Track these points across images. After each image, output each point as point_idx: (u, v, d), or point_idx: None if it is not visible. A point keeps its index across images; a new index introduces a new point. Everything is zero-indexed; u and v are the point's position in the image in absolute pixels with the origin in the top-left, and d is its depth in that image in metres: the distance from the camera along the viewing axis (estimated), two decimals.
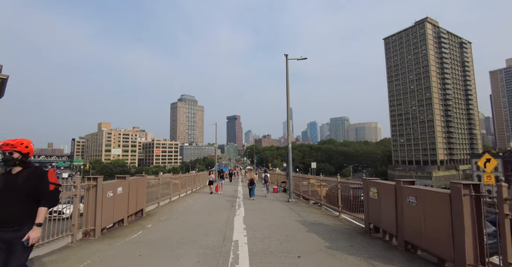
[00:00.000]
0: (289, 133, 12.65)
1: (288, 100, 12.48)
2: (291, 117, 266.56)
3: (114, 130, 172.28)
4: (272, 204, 11.78)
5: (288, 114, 12.57)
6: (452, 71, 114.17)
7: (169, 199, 12.09)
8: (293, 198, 12.47)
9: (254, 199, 13.34)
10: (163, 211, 9.69)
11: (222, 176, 16.99)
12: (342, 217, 8.55)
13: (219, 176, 16.97)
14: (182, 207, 10.58)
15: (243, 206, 10.73)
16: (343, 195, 9.13)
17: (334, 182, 9.45)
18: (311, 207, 10.86)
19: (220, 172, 17.29)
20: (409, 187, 4.95)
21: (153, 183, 10.43)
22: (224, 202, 12.26)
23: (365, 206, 6.68)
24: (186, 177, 16.16)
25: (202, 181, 21.81)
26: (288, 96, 12.57)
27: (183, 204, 11.55)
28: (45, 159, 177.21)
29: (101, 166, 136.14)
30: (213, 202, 12.32)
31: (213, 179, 17.40)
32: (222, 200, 12.75)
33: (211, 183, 16.94)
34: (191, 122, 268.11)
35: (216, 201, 12.60)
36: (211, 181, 17.13)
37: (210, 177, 17.38)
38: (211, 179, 17.29)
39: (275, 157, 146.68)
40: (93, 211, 5.72)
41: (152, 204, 10.09)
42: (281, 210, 9.87)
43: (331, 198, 9.81)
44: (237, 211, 9.65)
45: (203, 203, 12.09)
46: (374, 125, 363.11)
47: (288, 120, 12.73)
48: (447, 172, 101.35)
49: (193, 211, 9.72)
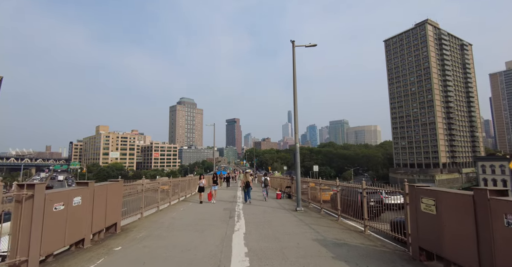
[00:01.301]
0: (296, 129, 10.87)
1: (295, 92, 10.74)
2: (290, 120, 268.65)
3: (112, 133, 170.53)
4: (278, 213, 9.97)
5: (296, 106, 10.79)
6: (453, 73, 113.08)
7: (156, 208, 10.27)
8: (302, 207, 10.62)
9: (251, 202, 13.34)
10: (145, 224, 7.89)
11: (216, 181, 14.31)
12: (368, 232, 6.76)
13: (212, 181, 14.40)
14: (170, 219, 8.76)
15: (244, 218, 8.91)
16: (349, 201, 7.54)
17: (355, 188, 7.68)
18: (325, 218, 9.04)
19: (213, 176, 14.73)
20: (505, 200, 3.16)
21: (134, 190, 8.61)
22: (220, 211, 10.44)
23: (411, 222, 4.90)
24: (178, 182, 14.25)
25: (197, 186, 19.55)
26: (295, 87, 10.82)
27: (171, 214, 9.70)
28: (42, 163, 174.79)
29: (98, 169, 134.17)
30: (208, 211, 10.50)
31: (205, 184, 14.38)
32: (219, 209, 10.91)
33: (201, 189, 13.85)
34: (190, 125, 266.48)
35: (211, 210, 10.77)
36: (202, 187, 13.95)
37: (201, 183, 14.09)
38: (202, 185, 13.97)
39: (275, 160, 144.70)
40: (27, 233, 3.92)
41: (133, 215, 8.28)
42: (290, 223, 8.06)
43: (344, 205, 8.21)
44: (236, 224, 7.85)
45: (196, 213, 10.25)
46: (374, 128, 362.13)
47: (295, 113, 10.94)
48: (450, 175, 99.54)
49: (182, 224, 7.90)
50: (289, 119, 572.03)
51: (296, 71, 11.25)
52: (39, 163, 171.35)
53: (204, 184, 14.17)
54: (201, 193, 13.72)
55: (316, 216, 9.51)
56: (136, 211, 8.43)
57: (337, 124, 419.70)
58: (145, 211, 9.12)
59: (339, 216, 8.54)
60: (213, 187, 13.93)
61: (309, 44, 11.32)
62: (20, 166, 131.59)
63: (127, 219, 7.88)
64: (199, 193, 13.85)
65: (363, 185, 7.04)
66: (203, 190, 13.91)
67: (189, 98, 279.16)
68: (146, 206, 9.53)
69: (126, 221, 7.80)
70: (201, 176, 14.70)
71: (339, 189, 8.65)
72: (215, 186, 14.00)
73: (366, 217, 6.84)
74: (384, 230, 6.21)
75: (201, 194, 13.69)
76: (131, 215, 8.08)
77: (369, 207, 6.97)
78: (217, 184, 14.26)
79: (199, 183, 14.15)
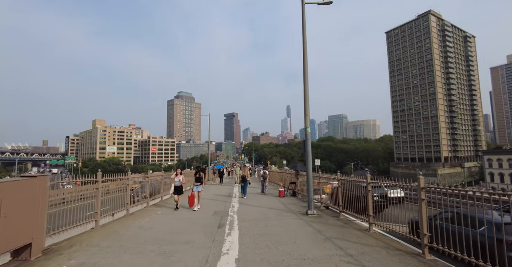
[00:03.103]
0: (307, 107, 8.33)
1: (306, 57, 8.15)
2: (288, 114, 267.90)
3: (109, 127, 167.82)
4: (284, 219, 7.50)
5: (306, 78, 8.23)
6: (456, 65, 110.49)
7: (126, 211, 7.83)
8: (314, 209, 8.16)
9: (245, 197, 12.67)
10: (94, 239, 5.44)
11: (199, 179, 10.02)
12: (431, 257, 4.35)
13: (195, 178, 10.18)
14: (135, 229, 6.31)
15: (238, 227, 6.42)
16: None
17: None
18: (350, 227, 6.56)
19: (196, 171, 10.28)
20: None
21: (81, 192, 6.11)
22: (208, 217, 7.95)
23: None
24: (156, 178, 11.28)
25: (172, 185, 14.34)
26: (305, 53, 8.24)
27: (140, 222, 7.15)
28: (38, 157, 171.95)
29: (95, 163, 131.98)
30: (190, 217, 8.02)
31: (182, 183, 9.89)
32: (206, 214, 8.41)
33: (178, 190, 9.68)
34: (188, 119, 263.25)
35: (196, 216, 8.30)
36: (179, 186, 9.72)
37: (176, 181, 9.70)
38: (178, 184, 9.70)
39: (273, 154, 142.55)
40: None
41: (82, 224, 5.83)
42: (305, 238, 5.59)
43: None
44: (227, 240, 5.38)
45: (175, 219, 7.75)
46: (373, 122, 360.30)
47: (305, 86, 8.36)
48: (452, 169, 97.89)
49: (146, 240, 5.43)
50: (288, 114, 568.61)
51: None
52: (35, 157, 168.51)
53: (183, 181, 9.87)
54: (177, 196, 9.64)
55: (335, 223, 7.05)
56: (86, 220, 5.95)
57: (336, 118, 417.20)
58: (105, 216, 6.69)
59: (371, 224, 6.09)
60: (195, 187, 9.84)
61: (322, 0, 8.78)
62: (15, 160, 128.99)
63: (72, 230, 5.45)
64: (174, 196, 9.74)
65: (420, 182, 4.56)
66: (181, 190, 9.79)
67: (187, 92, 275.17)
68: (114, 209, 7.13)
69: (68, 234, 5.37)
70: (177, 171, 10.18)
71: (369, 186, 6.24)
72: (198, 186, 9.87)
73: (426, 232, 4.39)
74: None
75: (177, 197, 9.63)
76: (79, 224, 5.66)
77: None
78: (201, 182, 10.03)
79: (175, 181, 9.75)
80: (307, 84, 8.29)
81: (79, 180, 6.20)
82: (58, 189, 5.78)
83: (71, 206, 5.45)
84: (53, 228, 5.01)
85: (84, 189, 6.07)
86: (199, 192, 9.83)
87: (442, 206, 4.82)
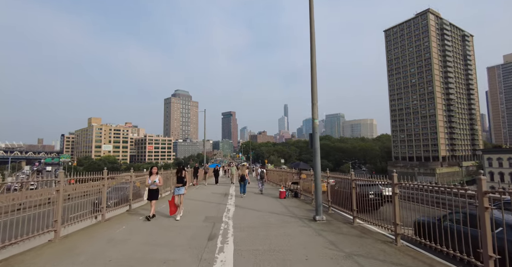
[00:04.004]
0: (314, 95, 7.09)
1: (313, 38, 6.92)
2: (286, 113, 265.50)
3: (104, 125, 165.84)
4: (289, 228, 6.29)
5: (314, 62, 7.00)
6: (454, 64, 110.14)
7: (101, 216, 6.61)
8: (323, 214, 6.96)
9: (244, 196, 12.29)
10: (38, 261, 4.13)
11: (182, 180, 8.08)
12: None
13: (177, 178, 8.18)
14: (97, 246, 4.98)
15: (233, 241, 5.14)
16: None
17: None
18: (369, 238, 5.37)
19: (178, 170, 8.28)
20: None
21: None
22: (197, 224, 6.70)
23: None
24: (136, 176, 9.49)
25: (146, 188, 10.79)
26: (312, 33, 7.00)
27: (112, 232, 5.88)
28: (33, 155, 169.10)
29: (90, 162, 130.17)
30: (174, 226, 6.63)
31: (159, 185, 8.07)
32: (195, 222, 7.08)
33: (153, 194, 7.87)
34: (185, 118, 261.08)
35: (181, 224, 6.93)
36: (155, 190, 7.94)
37: (152, 183, 7.83)
38: (155, 187, 7.90)
39: (271, 153, 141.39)
40: None
41: (32, 237, 4.52)
42: (319, 255, 4.38)
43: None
44: (218, 260, 4.15)
45: (152, 229, 6.35)
46: (370, 122, 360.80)
47: (313, 71, 7.12)
48: (450, 168, 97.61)
49: (109, 261, 4.17)
50: (285, 113, 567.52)
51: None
52: (29, 155, 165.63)
53: (159, 184, 7.88)
54: (152, 202, 7.73)
55: (350, 231, 5.86)
56: (46, 229, 4.72)
57: (333, 117, 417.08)
58: (71, 225, 5.46)
59: (398, 235, 4.92)
60: (176, 189, 7.89)
61: None
62: (8, 158, 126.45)
63: (18, 246, 4.19)
64: (150, 202, 7.84)
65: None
66: (156, 195, 7.85)
67: (184, 91, 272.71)
68: (83, 216, 5.91)
69: (10, 251, 4.13)
70: (153, 168, 8.13)
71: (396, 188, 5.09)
72: (179, 188, 7.90)
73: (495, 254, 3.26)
74: None
75: (152, 204, 7.70)
76: (29, 237, 4.40)
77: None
78: (184, 183, 8.04)
79: (149, 183, 7.80)
80: (315, 68, 7.06)
81: (34, 181, 4.96)
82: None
83: (28, 213, 4.24)
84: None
85: (40, 193, 4.83)
86: (181, 196, 7.85)
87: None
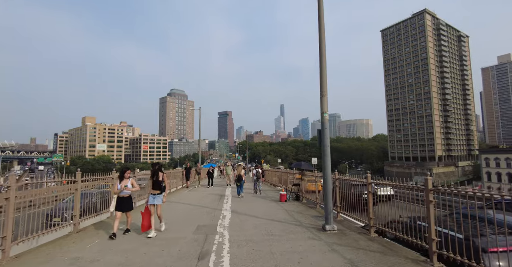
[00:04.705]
0: (324, 84, 6.09)
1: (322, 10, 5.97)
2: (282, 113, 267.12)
3: (99, 125, 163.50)
4: (296, 241, 5.32)
5: (323, 42, 6.01)
6: (450, 65, 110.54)
7: (73, 226, 5.58)
8: (333, 222, 6.02)
9: (241, 197, 11.97)
10: None
11: (159, 185, 6.08)
12: None
13: (152, 182, 6.13)
14: None
15: (230, 263, 4.15)
16: None
17: None
18: (395, 255, 4.40)
19: (154, 171, 6.23)
20: None
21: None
22: (186, 238, 5.68)
23: None
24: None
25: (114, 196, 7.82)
26: (321, 5, 6.07)
27: (76, 251, 4.81)
28: (25, 155, 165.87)
29: (83, 161, 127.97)
30: (159, 239, 5.60)
31: (133, 190, 6.13)
32: (184, 232, 6.08)
33: (124, 204, 5.96)
34: (180, 117, 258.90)
35: (168, 236, 5.90)
36: (126, 198, 6.01)
37: (122, 189, 5.91)
38: (126, 194, 5.99)
39: (267, 153, 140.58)
40: None
41: None
42: None
43: None
44: None
45: (132, 244, 5.33)
46: (366, 122, 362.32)
47: (322, 52, 6.14)
48: (447, 168, 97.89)
49: None
50: (282, 113, 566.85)
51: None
52: (22, 155, 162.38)
53: (133, 189, 6.05)
54: (121, 214, 5.90)
55: (370, 245, 4.92)
56: None
57: (329, 118, 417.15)
58: (28, 240, 4.43)
59: (435, 253, 3.98)
60: (150, 198, 5.99)
61: None
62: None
63: None
64: (115, 214, 5.94)
65: None
66: (130, 205, 6.04)
67: (180, 90, 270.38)
68: (44, 228, 4.86)
69: None
70: (125, 173, 6.02)
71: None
72: (155, 197, 5.99)
73: None
74: None
75: (117, 217, 5.82)
76: None
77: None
78: (161, 190, 6.08)
79: (118, 191, 5.88)
80: (324, 55, 6.05)
81: None
82: None
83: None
84: None
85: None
86: (158, 207, 5.98)
87: None
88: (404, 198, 4.87)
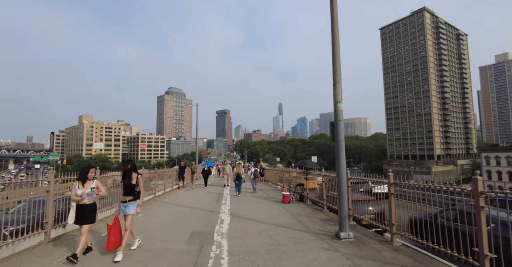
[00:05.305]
0: (337, 69, 5.22)
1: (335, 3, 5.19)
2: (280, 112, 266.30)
3: (96, 123, 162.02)
4: (308, 252, 4.47)
5: (336, 21, 5.20)
6: (449, 63, 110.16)
7: (43, 235, 4.68)
8: (349, 229, 5.18)
9: (240, 197, 11.70)
10: None
11: (132, 189, 4.60)
12: None
13: (124, 187, 4.62)
14: None
15: None
16: None
17: None
18: None
19: (125, 171, 4.60)
20: None
21: None
22: (177, 249, 4.76)
23: None
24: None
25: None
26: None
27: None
28: (21, 154, 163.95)
29: (80, 160, 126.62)
30: (145, 251, 4.65)
31: (99, 194, 4.56)
32: (175, 242, 5.19)
33: (85, 214, 4.40)
34: (178, 116, 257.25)
35: (149, 252, 4.66)
36: (88, 206, 4.47)
37: (81, 194, 4.37)
38: (89, 200, 4.49)
39: (266, 151, 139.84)
40: None
41: None
42: None
43: None
44: None
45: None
46: (364, 120, 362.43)
47: (335, 31, 5.31)
48: (446, 166, 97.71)
49: None
50: (280, 111, 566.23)
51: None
52: (18, 154, 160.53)
53: (98, 193, 4.51)
54: (84, 227, 4.37)
55: (396, 257, 4.09)
56: None
57: (327, 116, 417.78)
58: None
59: None
60: (122, 206, 4.62)
61: None
62: None
63: None
64: (80, 228, 4.44)
65: None
66: (93, 215, 4.57)
67: (178, 88, 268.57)
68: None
69: None
70: (89, 173, 4.50)
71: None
72: (127, 205, 4.59)
73: None
74: None
75: (82, 231, 4.35)
76: None
77: None
78: (135, 197, 4.65)
79: (77, 197, 4.35)
80: (337, 34, 5.20)
81: None
82: None
83: None
84: None
85: None
86: (129, 218, 4.56)
87: None
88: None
